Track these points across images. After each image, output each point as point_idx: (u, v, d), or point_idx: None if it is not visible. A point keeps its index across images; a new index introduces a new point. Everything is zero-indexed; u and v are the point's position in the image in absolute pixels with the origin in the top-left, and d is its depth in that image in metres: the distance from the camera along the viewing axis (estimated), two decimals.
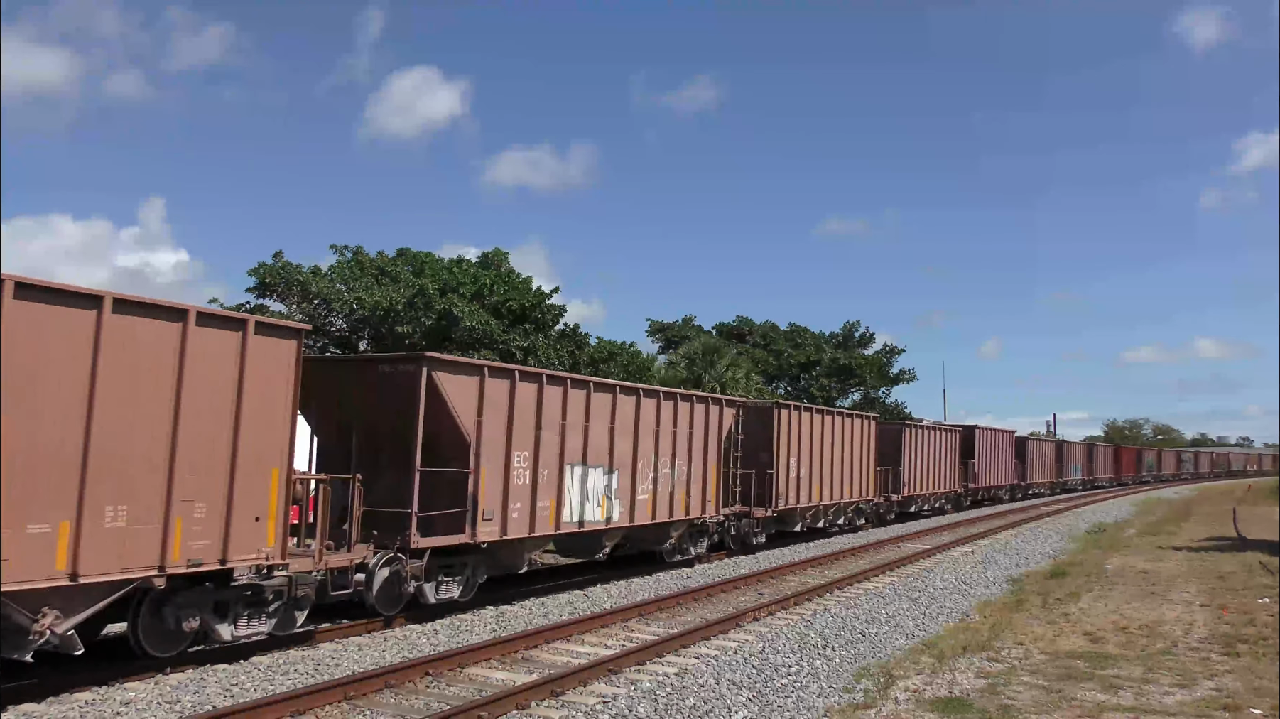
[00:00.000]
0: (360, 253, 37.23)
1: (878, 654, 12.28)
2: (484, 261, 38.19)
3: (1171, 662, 11.94)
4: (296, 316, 33.36)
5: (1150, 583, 19.19)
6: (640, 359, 37.86)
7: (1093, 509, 44.96)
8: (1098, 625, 14.29)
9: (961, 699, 9.88)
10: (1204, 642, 13.23)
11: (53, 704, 8.93)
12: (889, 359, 60.72)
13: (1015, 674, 11.06)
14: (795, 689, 10.28)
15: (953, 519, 36.50)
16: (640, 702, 9.39)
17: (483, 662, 11.09)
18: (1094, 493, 64.57)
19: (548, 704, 9.44)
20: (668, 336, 55.64)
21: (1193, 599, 17.13)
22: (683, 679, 10.36)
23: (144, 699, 9.15)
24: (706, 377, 44.02)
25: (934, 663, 11.62)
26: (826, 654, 12.06)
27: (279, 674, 10.27)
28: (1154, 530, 33.11)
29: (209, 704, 9.05)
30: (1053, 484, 59.53)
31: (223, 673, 10.24)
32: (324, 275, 35.45)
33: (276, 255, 34.50)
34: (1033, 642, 12.96)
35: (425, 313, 32.85)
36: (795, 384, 57.77)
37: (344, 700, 9.30)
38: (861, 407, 56.44)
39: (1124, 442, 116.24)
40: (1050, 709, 9.61)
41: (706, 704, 9.46)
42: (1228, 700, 10.06)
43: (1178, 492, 69.67)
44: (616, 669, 10.76)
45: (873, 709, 9.54)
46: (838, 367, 57.79)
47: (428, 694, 9.76)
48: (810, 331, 61.08)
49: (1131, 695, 10.26)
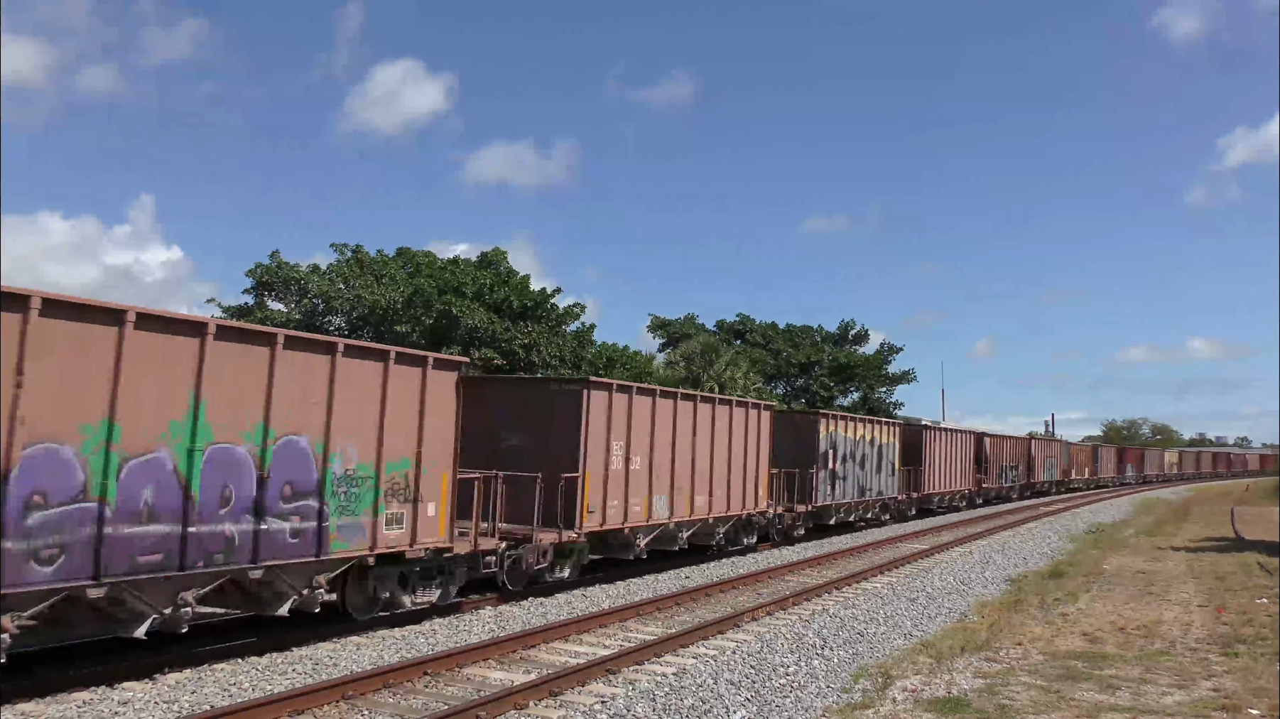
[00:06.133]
0: (360, 251, 37.20)
1: (876, 654, 12.28)
2: (483, 261, 38.21)
3: (1170, 662, 11.95)
4: (295, 316, 33.39)
5: (1149, 583, 19.20)
6: (640, 359, 37.88)
7: (1091, 509, 45.00)
8: (1096, 626, 14.31)
9: (960, 699, 9.89)
10: (1202, 642, 13.24)
11: (51, 704, 8.92)
12: (887, 357, 60.78)
13: (1013, 674, 11.07)
14: (793, 689, 10.28)
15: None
16: (638, 701, 9.39)
17: (481, 662, 11.09)
18: (1097, 492, 65.00)
19: (546, 704, 9.45)
20: (669, 333, 55.65)
21: (1191, 599, 17.15)
22: (681, 679, 10.36)
23: (142, 699, 9.15)
24: (705, 376, 44.05)
25: (932, 663, 11.63)
26: (825, 654, 12.06)
27: (277, 674, 10.27)
28: (1152, 530, 33.14)
29: (207, 704, 9.04)
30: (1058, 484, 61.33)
31: (220, 673, 10.24)
32: (322, 274, 35.43)
33: (273, 255, 34.53)
34: (1031, 642, 12.97)
35: (425, 311, 32.85)
36: (793, 384, 57.78)
37: (342, 700, 9.30)
38: (860, 406, 56.46)
39: (1123, 442, 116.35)
40: (1048, 709, 9.62)
41: (705, 704, 9.46)
42: (1226, 701, 10.07)
43: (1176, 492, 69.75)
44: (615, 669, 10.76)
45: (871, 709, 9.54)
46: (837, 366, 57.82)
47: (426, 694, 9.76)
48: (810, 330, 61.11)
49: (1129, 695, 10.26)
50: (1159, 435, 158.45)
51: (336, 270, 35.59)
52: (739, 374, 45.65)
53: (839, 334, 61.89)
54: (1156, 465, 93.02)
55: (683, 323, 56.55)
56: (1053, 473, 59.32)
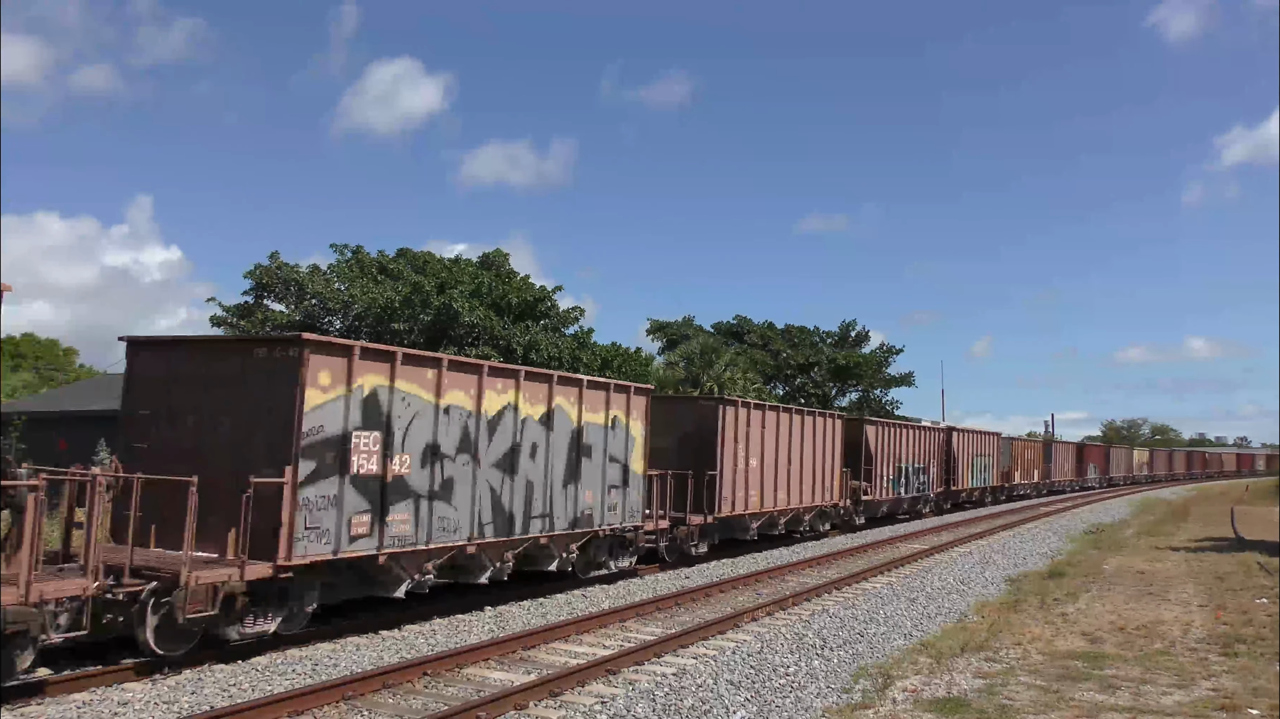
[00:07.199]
0: (360, 252, 37.20)
1: (876, 654, 12.28)
2: (484, 262, 38.22)
3: (1169, 662, 11.95)
4: (295, 316, 33.38)
5: (1148, 583, 19.20)
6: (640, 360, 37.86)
7: (1090, 509, 45.01)
8: (1096, 626, 14.31)
9: (959, 699, 9.89)
10: (1202, 642, 13.24)
11: (50, 704, 8.92)
12: (886, 359, 60.72)
13: (1013, 674, 11.06)
14: (793, 689, 10.28)
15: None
16: (638, 702, 9.39)
17: (481, 662, 11.09)
18: (1104, 490, 65.49)
19: (546, 704, 9.44)
20: (668, 335, 55.62)
21: (1191, 599, 17.15)
22: (681, 679, 10.36)
23: (141, 699, 9.14)
24: (704, 377, 44.06)
25: (932, 663, 11.63)
26: (825, 654, 12.06)
27: (277, 674, 10.27)
28: (1152, 531, 33.13)
29: (207, 704, 9.04)
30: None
31: (220, 673, 10.24)
32: (321, 275, 35.42)
33: (272, 256, 34.53)
34: (1030, 642, 12.97)
35: (422, 310, 32.82)
36: (792, 384, 57.76)
37: (342, 701, 9.29)
38: (859, 407, 56.45)
39: (1122, 442, 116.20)
40: (1048, 709, 9.61)
41: (704, 704, 9.46)
42: (1225, 701, 10.06)
43: (1175, 492, 69.77)
44: (614, 669, 10.76)
45: (871, 709, 9.53)
46: (835, 367, 57.78)
47: (426, 694, 9.76)
48: (808, 331, 61.07)
49: (1129, 696, 10.26)
50: (1159, 435, 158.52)
51: (336, 270, 35.59)
52: (738, 375, 45.64)
53: (840, 335, 61.88)
54: (1124, 466, 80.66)
55: (681, 324, 56.51)
56: (987, 477, 46.00)
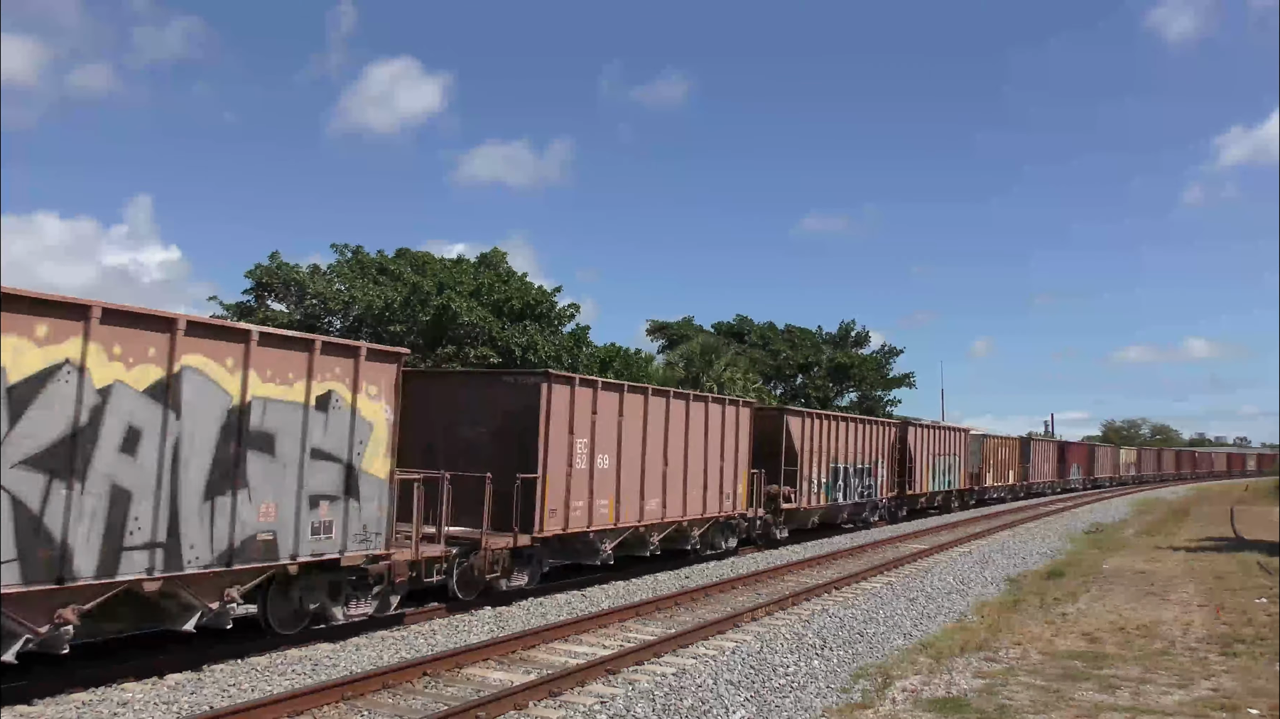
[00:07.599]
0: (360, 252, 37.19)
1: (875, 654, 12.27)
2: (483, 262, 38.22)
3: (1169, 662, 11.95)
4: (295, 316, 33.39)
5: (1148, 583, 19.20)
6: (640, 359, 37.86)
7: (1090, 509, 45.02)
8: (1095, 626, 14.31)
9: (959, 699, 9.89)
10: (1202, 642, 13.25)
11: (49, 704, 8.91)
12: (886, 359, 60.74)
13: (1013, 674, 11.06)
14: (793, 689, 10.28)
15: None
16: (638, 702, 9.39)
17: (480, 662, 11.09)
18: (1087, 494, 65.22)
19: (545, 704, 9.44)
20: (668, 336, 55.65)
21: (1191, 599, 17.15)
22: (680, 679, 10.36)
23: (141, 700, 9.13)
24: (704, 377, 44.08)
25: (931, 663, 11.63)
26: (824, 654, 12.06)
27: (276, 675, 10.27)
28: (1152, 530, 33.14)
29: (206, 705, 9.03)
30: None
31: (220, 673, 10.23)
32: (321, 275, 35.41)
33: (273, 256, 34.52)
34: (1030, 642, 12.97)
35: (421, 310, 32.81)
36: (792, 384, 57.77)
37: (342, 701, 9.29)
38: (858, 407, 56.47)
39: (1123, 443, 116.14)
40: (1048, 709, 9.62)
41: (704, 704, 9.46)
42: (1225, 700, 10.07)
43: (1175, 492, 69.79)
44: (614, 669, 10.75)
45: (870, 709, 9.53)
46: (835, 367, 57.79)
47: (426, 695, 9.75)
48: (809, 331, 61.09)
49: (1129, 695, 10.26)
50: (1159, 435, 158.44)
51: (336, 270, 35.59)
52: (738, 374, 45.68)
53: (840, 335, 61.90)
54: (1110, 466, 76.17)
55: (681, 324, 56.55)
56: (952, 479, 39.42)
